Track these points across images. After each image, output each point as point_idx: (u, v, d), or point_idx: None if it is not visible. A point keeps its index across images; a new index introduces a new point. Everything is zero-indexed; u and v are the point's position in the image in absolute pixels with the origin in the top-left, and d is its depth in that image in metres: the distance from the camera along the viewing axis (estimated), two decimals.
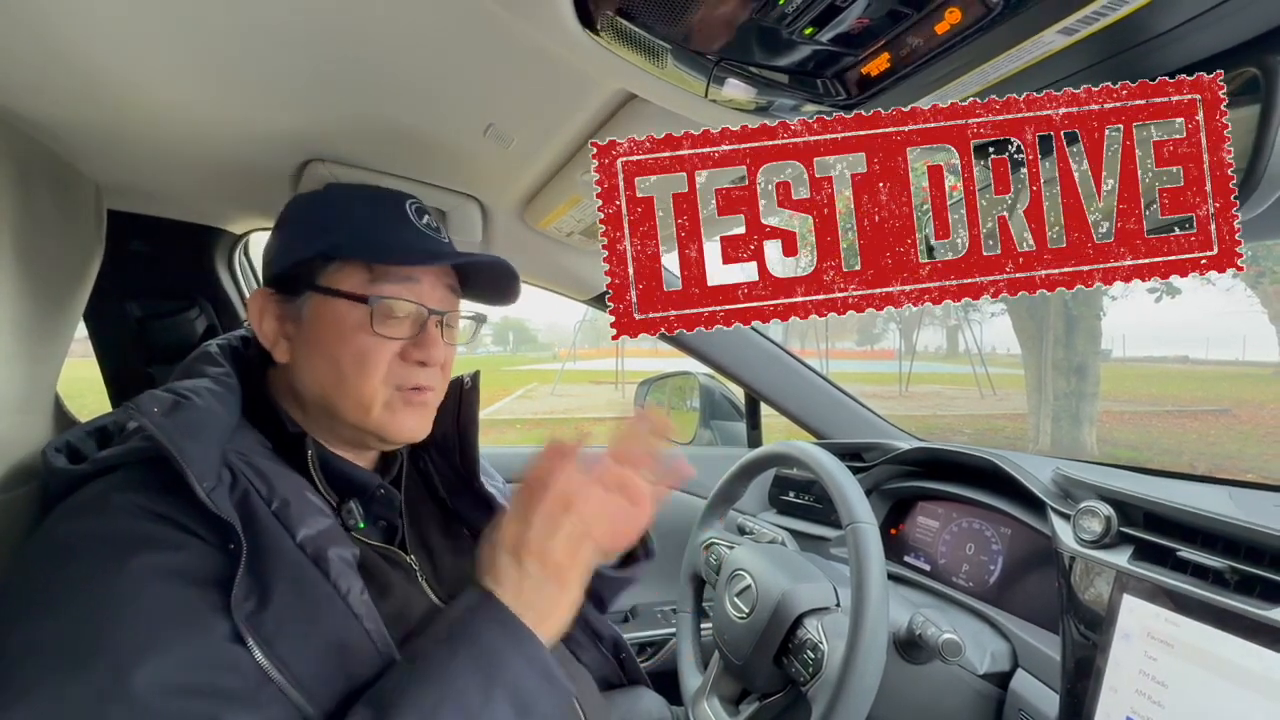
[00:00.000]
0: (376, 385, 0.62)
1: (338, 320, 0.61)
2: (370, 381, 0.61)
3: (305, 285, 0.62)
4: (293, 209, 0.68)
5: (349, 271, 0.61)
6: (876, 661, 0.64)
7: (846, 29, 0.46)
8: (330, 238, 0.62)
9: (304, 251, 0.62)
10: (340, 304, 0.61)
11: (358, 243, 0.62)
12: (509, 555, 0.53)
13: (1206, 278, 2.01)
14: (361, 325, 0.60)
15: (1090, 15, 0.39)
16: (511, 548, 0.54)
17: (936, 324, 33.34)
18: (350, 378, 0.61)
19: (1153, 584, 0.61)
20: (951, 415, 11.38)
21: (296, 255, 0.63)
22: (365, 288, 0.61)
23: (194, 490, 0.47)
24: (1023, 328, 7.47)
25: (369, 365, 0.61)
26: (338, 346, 0.61)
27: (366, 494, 0.65)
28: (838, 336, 37.50)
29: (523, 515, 0.54)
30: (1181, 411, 11.33)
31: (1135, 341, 35.80)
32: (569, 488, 0.54)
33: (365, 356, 0.61)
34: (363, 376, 0.61)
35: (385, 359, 0.62)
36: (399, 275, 0.62)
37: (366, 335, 0.61)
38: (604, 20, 0.47)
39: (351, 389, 0.61)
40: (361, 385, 0.61)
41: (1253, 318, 16.84)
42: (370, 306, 0.60)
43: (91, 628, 0.42)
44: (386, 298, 0.61)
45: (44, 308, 0.68)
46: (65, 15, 0.51)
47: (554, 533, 0.53)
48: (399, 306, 0.62)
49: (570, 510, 0.54)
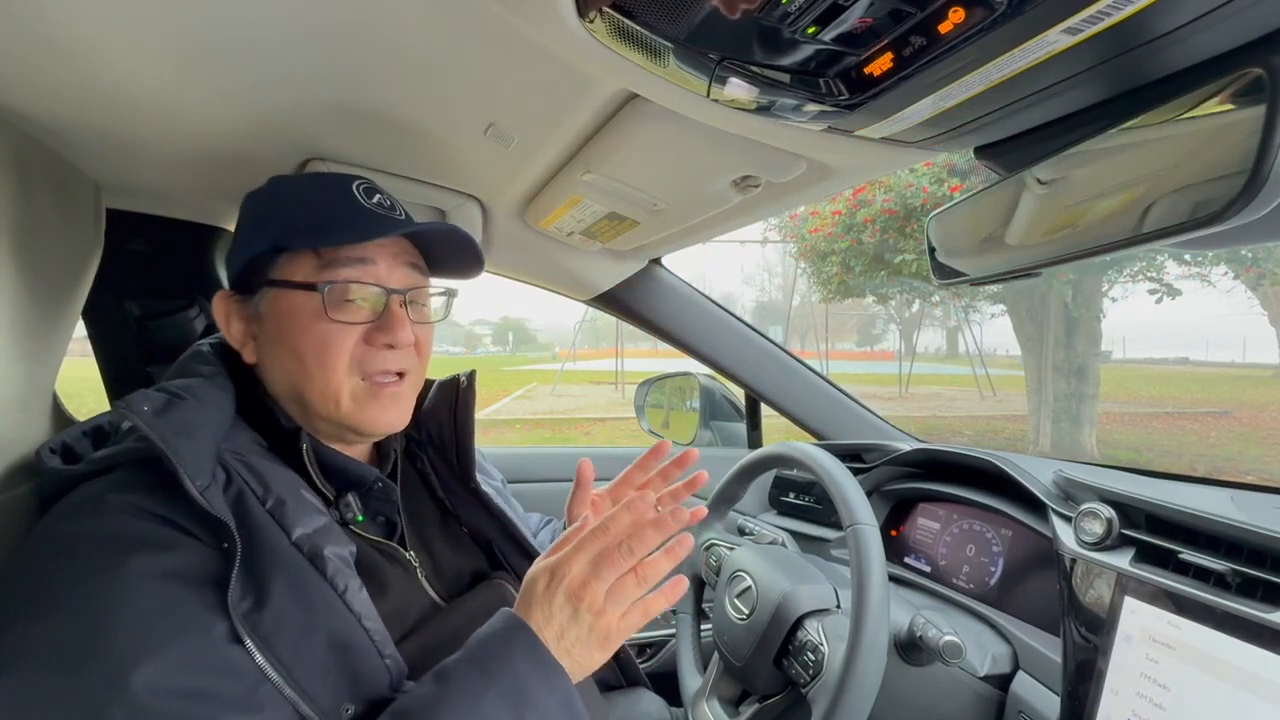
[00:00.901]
0: (341, 375, 0.61)
1: (294, 312, 0.60)
2: (335, 371, 0.60)
3: (261, 282, 0.62)
4: (244, 207, 0.67)
5: (299, 261, 0.61)
6: (877, 663, 0.64)
7: (849, 28, 0.45)
8: (276, 229, 0.62)
9: (255, 247, 0.62)
10: (295, 295, 0.60)
11: (302, 230, 0.61)
12: (565, 599, 0.51)
13: (1207, 279, 2.00)
14: (317, 314, 0.59)
15: (1094, 15, 0.39)
16: (570, 593, 0.51)
17: (936, 325, 33.38)
18: (314, 370, 0.60)
19: (1154, 586, 0.61)
20: (952, 416, 11.37)
21: (249, 252, 0.62)
22: (316, 275, 0.60)
23: (187, 490, 0.47)
24: (1023, 329, 7.46)
25: (330, 354, 0.60)
26: (298, 339, 0.60)
27: (364, 487, 0.65)
28: (838, 337, 37.53)
29: (589, 563, 0.52)
30: (1181, 413, 11.34)
31: (1135, 343, 35.84)
32: (637, 544, 0.52)
33: (326, 345, 0.60)
34: (326, 367, 0.60)
35: (347, 346, 0.60)
36: (350, 258, 0.61)
37: (324, 323, 0.59)
38: (606, 19, 0.47)
39: (317, 381, 0.60)
40: (326, 376, 0.60)
41: (1253, 319, 16.87)
42: (320, 293, 0.59)
43: (88, 629, 0.42)
44: (338, 282, 0.60)
45: (42, 306, 0.68)
46: (65, 12, 0.51)
47: (616, 596, 0.52)
48: (353, 290, 0.61)
49: (633, 573, 0.52)
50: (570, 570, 0.52)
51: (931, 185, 6.25)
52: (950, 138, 0.61)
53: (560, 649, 0.50)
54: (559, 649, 0.50)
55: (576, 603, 0.51)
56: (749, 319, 1.44)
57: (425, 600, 0.64)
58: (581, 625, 0.51)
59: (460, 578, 0.71)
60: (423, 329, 0.67)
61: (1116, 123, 0.49)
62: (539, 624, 0.51)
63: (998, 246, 0.64)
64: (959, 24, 0.42)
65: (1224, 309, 14.79)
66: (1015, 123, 0.57)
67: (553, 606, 0.51)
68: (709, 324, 1.36)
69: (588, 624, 0.51)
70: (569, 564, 0.52)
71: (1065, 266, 0.59)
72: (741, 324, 1.38)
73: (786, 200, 0.84)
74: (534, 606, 0.52)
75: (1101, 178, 0.53)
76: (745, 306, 48.13)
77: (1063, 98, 0.52)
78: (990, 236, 0.65)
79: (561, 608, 0.51)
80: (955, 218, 0.71)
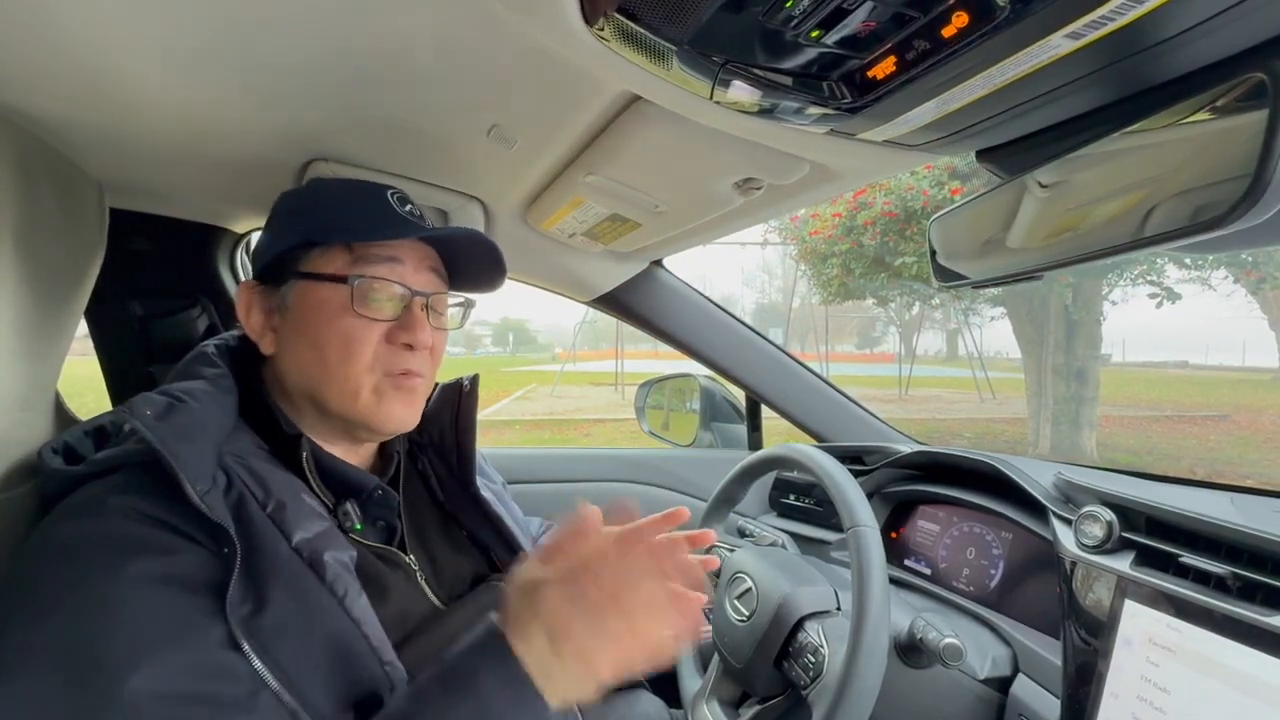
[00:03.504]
0: (363, 370, 0.61)
1: (321, 304, 0.61)
2: (356, 366, 0.61)
3: (289, 273, 0.62)
4: (279, 203, 0.68)
5: (330, 255, 0.62)
6: (877, 665, 0.64)
7: (853, 32, 0.46)
8: (312, 225, 0.63)
9: (287, 240, 0.63)
10: (323, 287, 0.61)
11: (337, 226, 0.62)
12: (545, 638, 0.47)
13: (1207, 283, 2.01)
14: (344, 307, 0.60)
15: (1097, 20, 0.39)
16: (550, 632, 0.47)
17: (936, 328, 33.39)
18: (335, 364, 0.61)
19: (1154, 589, 0.61)
20: (951, 419, 11.37)
21: (281, 245, 0.63)
22: (346, 269, 0.61)
23: (187, 494, 0.47)
24: (1023, 332, 7.46)
25: (354, 348, 0.60)
26: (322, 331, 0.60)
27: (363, 494, 0.65)
28: (838, 339, 37.54)
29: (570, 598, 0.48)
30: (1181, 416, 11.33)
31: (1135, 346, 35.88)
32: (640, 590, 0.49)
33: (350, 339, 0.60)
34: (348, 361, 0.60)
35: (371, 342, 0.61)
36: (380, 256, 0.62)
37: (350, 317, 0.60)
38: (609, 21, 0.47)
39: (337, 375, 0.61)
40: (347, 370, 0.61)
41: (1253, 323, 16.88)
42: (350, 286, 0.60)
43: (87, 633, 0.42)
44: (367, 277, 0.61)
45: (45, 306, 0.68)
46: (68, 12, 0.51)
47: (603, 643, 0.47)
48: (381, 287, 0.62)
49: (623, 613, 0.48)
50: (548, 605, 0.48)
51: (932, 188, 6.25)
52: (952, 141, 0.61)
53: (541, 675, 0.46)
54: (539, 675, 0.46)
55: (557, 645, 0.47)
56: (749, 321, 1.44)
57: (425, 604, 0.64)
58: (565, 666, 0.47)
59: (460, 581, 0.71)
60: (439, 335, 0.68)
61: (1118, 127, 0.49)
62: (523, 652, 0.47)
63: (999, 250, 0.64)
64: (962, 28, 0.42)
65: (1224, 313, 14.81)
66: (1017, 126, 0.57)
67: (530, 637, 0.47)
68: (709, 325, 1.36)
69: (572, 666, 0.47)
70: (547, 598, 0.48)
71: (1066, 270, 0.59)
72: (742, 326, 1.38)
73: (788, 202, 0.84)
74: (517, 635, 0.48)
75: (1103, 182, 0.53)
76: (745, 308, 48.14)
77: (1065, 102, 0.52)
78: (991, 240, 0.65)
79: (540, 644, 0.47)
80: (957, 221, 0.71)
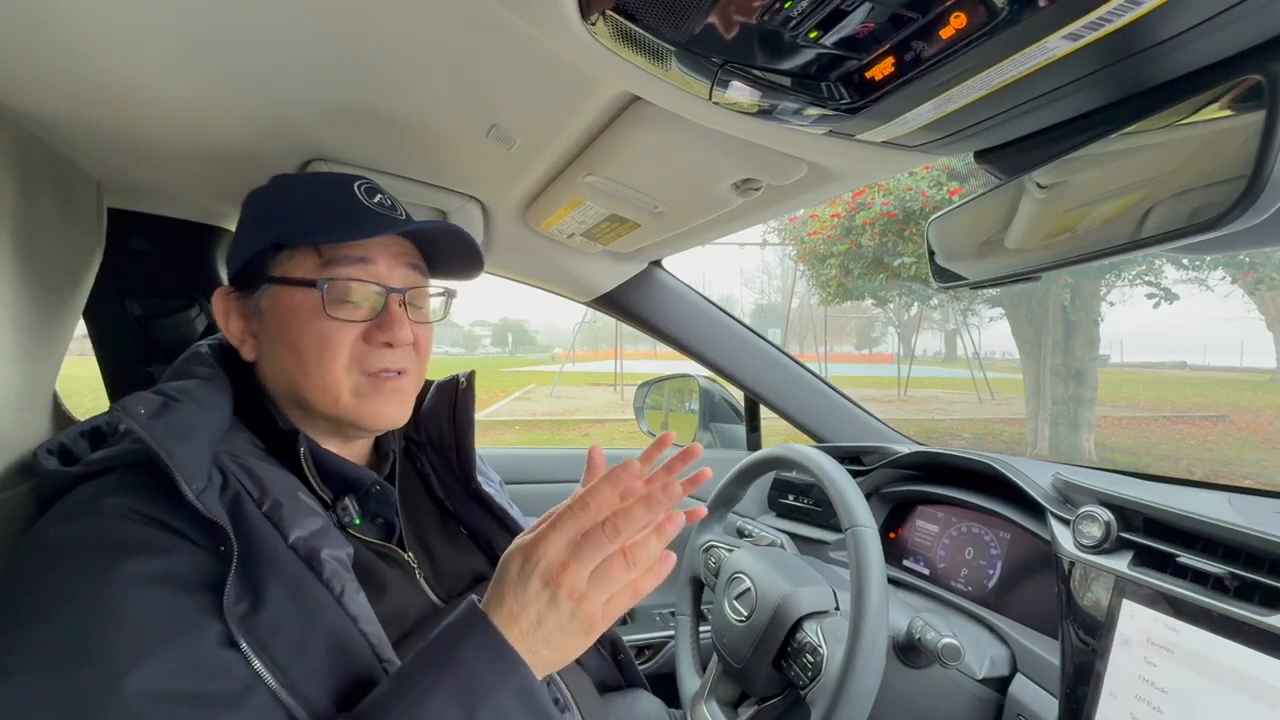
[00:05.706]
0: (340, 372, 0.61)
1: (294, 309, 0.60)
2: (333, 368, 0.60)
3: (261, 278, 0.62)
4: (246, 204, 0.67)
5: (300, 258, 0.61)
6: (876, 665, 0.64)
7: (851, 33, 0.46)
8: (279, 227, 0.62)
9: (257, 244, 0.62)
10: (295, 292, 0.60)
11: (304, 228, 0.61)
12: (542, 584, 0.47)
13: (1205, 284, 2.02)
14: (316, 311, 0.60)
15: (1095, 21, 0.39)
16: (548, 578, 0.47)
17: (935, 328, 33.41)
18: (313, 366, 0.60)
19: (1152, 589, 0.61)
20: (950, 419, 11.38)
21: (250, 249, 0.62)
22: (316, 272, 0.60)
23: (183, 493, 0.47)
24: (1021, 333, 7.47)
25: (329, 351, 0.60)
26: (297, 335, 0.60)
27: (361, 490, 0.65)
28: (836, 340, 37.55)
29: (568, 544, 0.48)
30: (1179, 417, 11.36)
31: (1133, 347, 35.91)
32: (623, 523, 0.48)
33: (325, 342, 0.60)
34: (325, 364, 0.60)
35: (346, 343, 0.61)
36: (350, 256, 0.61)
37: (323, 320, 0.60)
38: (609, 22, 0.47)
39: (316, 378, 0.60)
40: (325, 373, 0.60)
41: (1250, 324, 16.91)
42: (320, 290, 0.59)
43: (83, 633, 0.42)
44: (338, 279, 0.60)
45: (43, 305, 0.68)
46: (67, 11, 0.51)
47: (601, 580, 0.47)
48: (353, 288, 0.61)
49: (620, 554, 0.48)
50: (547, 552, 0.48)
51: (931, 189, 6.26)
52: (951, 142, 0.61)
53: (537, 638, 0.47)
54: (535, 638, 0.47)
55: (555, 588, 0.47)
56: (748, 321, 1.44)
57: (424, 601, 0.64)
58: (561, 612, 0.47)
59: (460, 579, 0.71)
60: (422, 329, 0.67)
61: (1116, 128, 0.50)
62: (511, 611, 0.47)
63: (997, 250, 0.64)
64: (960, 29, 0.42)
65: (1222, 314, 14.87)
66: (1015, 127, 0.58)
67: (527, 593, 0.47)
68: (708, 326, 1.36)
69: (568, 610, 0.47)
70: (545, 545, 0.48)
71: (1064, 271, 0.59)
72: (741, 326, 1.38)
73: (787, 203, 0.84)
74: (506, 592, 0.48)
75: (1101, 182, 0.53)
76: (744, 309, 48.16)
77: (1063, 103, 0.52)
78: (990, 240, 0.65)
79: (538, 594, 0.47)
80: (955, 222, 0.71)
